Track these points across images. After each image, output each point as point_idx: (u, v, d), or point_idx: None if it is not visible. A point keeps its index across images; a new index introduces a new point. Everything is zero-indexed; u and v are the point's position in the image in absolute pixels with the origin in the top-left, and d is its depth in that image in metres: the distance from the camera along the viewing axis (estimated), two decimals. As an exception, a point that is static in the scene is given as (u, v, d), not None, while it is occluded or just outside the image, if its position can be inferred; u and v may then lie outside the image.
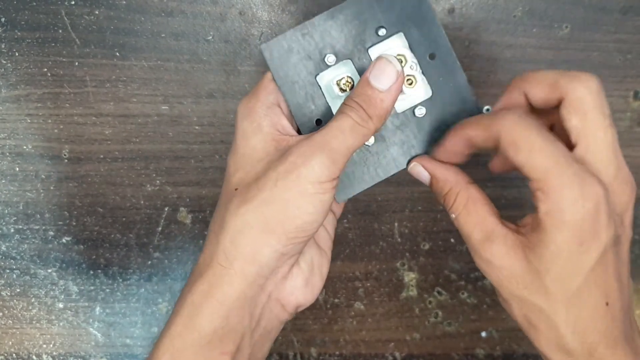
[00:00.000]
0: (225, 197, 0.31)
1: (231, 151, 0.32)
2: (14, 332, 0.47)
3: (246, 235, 0.29)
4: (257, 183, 0.29)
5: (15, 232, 0.45)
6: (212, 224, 0.31)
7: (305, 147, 0.28)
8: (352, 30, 0.31)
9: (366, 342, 0.49)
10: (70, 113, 0.43)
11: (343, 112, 0.29)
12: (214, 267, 0.29)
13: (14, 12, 0.41)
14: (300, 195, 0.28)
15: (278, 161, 0.29)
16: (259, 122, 0.30)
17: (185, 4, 0.41)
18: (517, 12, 0.42)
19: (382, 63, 0.29)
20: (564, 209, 0.26)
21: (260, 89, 0.32)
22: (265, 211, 0.28)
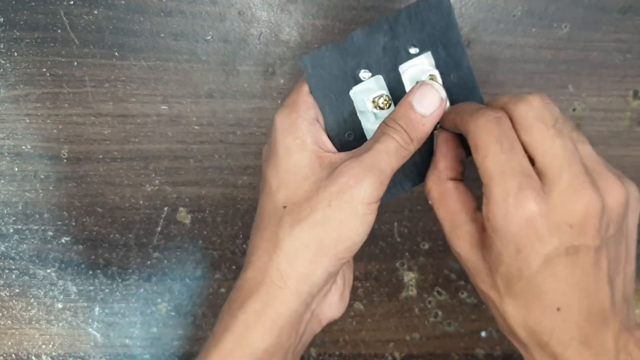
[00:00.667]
0: (272, 213, 0.31)
1: (271, 165, 0.31)
2: (13, 332, 0.47)
3: (302, 255, 0.29)
4: (310, 202, 0.30)
5: (14, 232, 0.45)
6: (259, 239, 0.31)
7: (356, 169, 0.29)
8: (386, 47, 0.32)
9: (366, 342, 0.49)
10: (69, 113, 0.43)
11: (387, 134, 0.30)
12: (268, 286, 0.30)
13: (12, 12, 0.41)
14: (353, 216, 0.29)
15: (328, 181, 0.30)
16: (303, 139, 0.31)
17: (184, 4, 0.41)
18: (517, 12, 0.42)
19: (426, 89, 0.30)
20: (499, 218, 0.28)
21: (299, 103, 0.32)
22: (319, 232, 0.29)
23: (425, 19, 0.32)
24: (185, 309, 0.47)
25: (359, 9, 0.41)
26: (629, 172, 0.46)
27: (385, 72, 0.33)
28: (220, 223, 0.46)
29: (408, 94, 0.31)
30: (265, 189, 0.32)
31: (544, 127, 0.28)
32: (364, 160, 0.29)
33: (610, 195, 0.29)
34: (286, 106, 0.32)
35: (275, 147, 0.31)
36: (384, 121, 0.31)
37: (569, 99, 0.44)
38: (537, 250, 0.28)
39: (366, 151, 0.30)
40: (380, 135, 0.30)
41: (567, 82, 0.44)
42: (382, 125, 0.31)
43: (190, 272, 0.47)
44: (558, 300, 0.29)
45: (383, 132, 0.30)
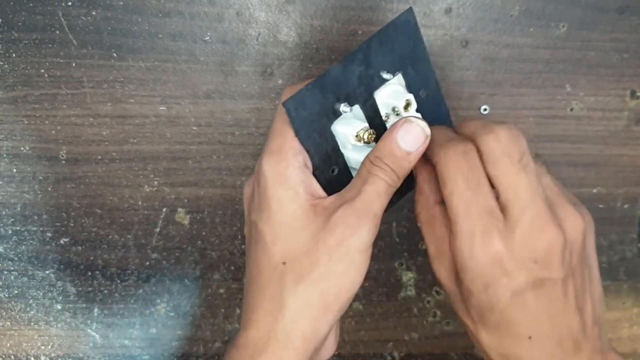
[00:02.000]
0: (271, 270, 0.30)
1: (263, 217, 0.31)
2: (12, 333, 0.47)
3: (307, 314, 0.30)
4: (310, 257, 0.29)
5: (13, 234, 0.45)
6: (260, 297, 0.31)
7: (351, 217, 0.29)
8: (361, 76, 0.32)
9: (365, 342, 0.49)
10: (67, 114, 0.43)
11: (376, 175, 0.30)
12: (275, 346, 0.30)
13: (10, 13, 0.41)
14: (352, 266, 0.30)
15: (326, 232, 0.29)
16: (295, 189, 0.30)
17: (182, 5, 0.41)
18: (514, 12, 0.42)
19: (410, 126, 0.30)
20: (465, 256, 0.29)
21: (286, 149, 0.31)
22: (323, 288, 0.29)
23: (395, 41, 0.32)
24: (184, 309, 0.47)
25: (357, 9, 0.41)
26: (626, 171, 0.46)
27: (362, 101, 0.32)
28: (218, 224, 0.46)
29: (392, 130, 0.30)
30: (260, 242, 0.31)
31: (510, 162, 0.29)
32: (357, 207, 0.29)
33: (571, 227, 0.30)
34: (273, 153, 0.31)
35: (267, 198, 0.30)
36: (370, 159, 0.31)
37: (567, 98, 0.44)
38: (504, 285, 0.29)
39: (357, 195, 0.30)
40: (369, 176, 0.30)
41: (565, 81, 0.44)
42: (367, 164, 0.30)
43: (189, 273, 0.47)
44: (529, 330, 0.29)
45: (370, 172, 0.30)
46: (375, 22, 0.41)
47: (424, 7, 0.41)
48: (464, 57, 0.43)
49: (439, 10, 0.42)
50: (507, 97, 0.44)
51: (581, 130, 0.45)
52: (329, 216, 0.30)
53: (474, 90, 0.43)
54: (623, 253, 0.48)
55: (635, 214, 0.47)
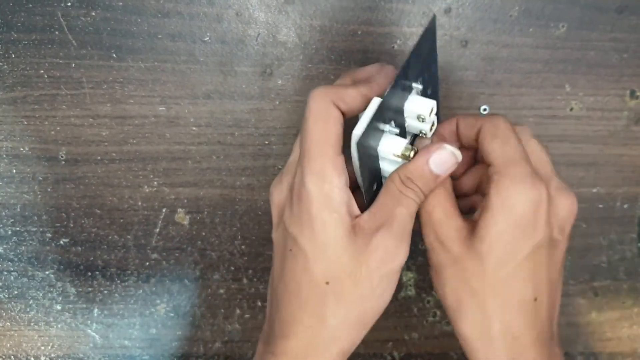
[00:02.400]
0: (312, 287, 0.31)
1: (306, 234, 0.31)
2: (12, 334, 0.47)
3: (346, 331, 0.31)
4: (352, 279, 0.31)
5: (13, 234, 0.45)
6: (300, 312, 0.32)
7: (390, 242, 0.31)
8: (402, 91, 0.32)
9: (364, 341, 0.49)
10: (67, 115, 0.43)
11: (408, 197, 0.31)
12: (314, 357, 0.31)
13: (9, 14, 0.41)
14: (389, 287, 0.32)
15: (367, 255, 0.31)
16: (339, 212, 0.31)
17: (181, 5, 0.41)
18: (514, 12, 0.42)
19: (445, 154, 0.31)
20: (512, 196, 0.30)
21: (330, 170, 0.31)
22: (362, 308, 0.31)
23: (422, 50, 0.32)
24: (184, 309, 0.47)
25: (356, 9, 0.41)
26: (626, 171, 0.46)
27: (398, 114, 0.33)
28: (218, 224, 0.46)
29: (425, 154, 0.31)
30: (300, 258, 0.32)
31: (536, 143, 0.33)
32: (395, 232, 0.31)
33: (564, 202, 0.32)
34: (317, 174, 0.31)
35: (311, 218, 0.31)
36: (401, 179, 0.31)
37: (566, 98, 0.44)
38: (537, 232, 0.31)
39: (393, 218, 0.31)
40: (401, 198, 0.31)
41: (564, 81, 0.44)
42: (398, 184, 0.31)
43: (189, 273, 0.47)
44: (535, 290, 0.32)
45: (402, 193, 0.31)
46: (374, 23, 0.41)
47: (424, 7, 0.41)
48: (464, 57, 0.43)
49: (439, 10, 0.42)
50: (506, 97, 0.44)
51: (581, 130, 0.45)
52: (369, 238, 0.31)
53: (473, 90, 0.43)
54: (623, 253, 0.48)
55: (635, 214, 0.47)
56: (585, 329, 0.50)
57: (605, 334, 0.49)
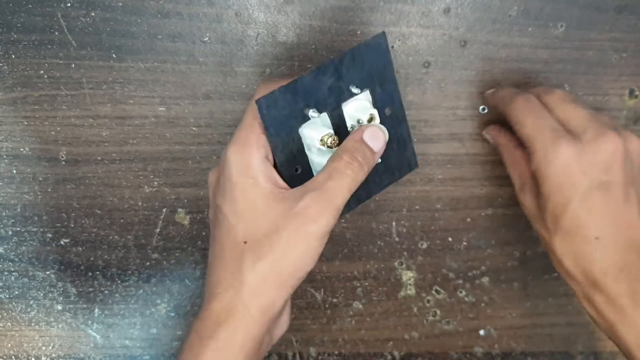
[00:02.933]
0: (233, 248, 0.33)
1: (227, 201, 0.33)
2: (13, 334, 0.47)
3: (264, 289, 0.32)
4: (269, 239, 0.32)
5: (13, 235, 0.45)
6: (223, 272, 0.33)
7: (313, 207, 0.32)
8: (331, 87, 0.34)
9: (365, 341, 0.49)
10: (67, 115, 0.43)
11: (342, 172, 0.32)
12: (235, 316, 0.32)
13: (9, 15, 0.41)
14: (308, 250, 0.32)
15: (287, 219, 0.32)
16: (256, 178, 0.33)
17: (181, 6, 0.41)
18: (513, 12, 0.42)
19: (376, 130, 0.34)
20: (542, 166, 0.36)
21: (251, 141, 0.33)
22: (279, 266, 0.32)
23: (366, 59, 0.35)
24: (184, 309, 0.48)
25: (355, 9, 0.41)
26: (625, 170, 0.46)
27: (330, 110, 0.35)
28: (218, 225, 0.46)
29: (358, 132, 0.34)
30: (224, 223, 0.34)
31: (567, 103, 0.37)
32: (320, 198, 0.32)
33: (630, 142, 0.36)
34: (238, 143, 0.33)
35: (231, 185, 0.33)
36: (339, 154, 0.33)
37: (566, 98, 0.44)
38: (575, 187, 0.35)
39: (321, 187, 0.32)
40: (334, 172, 0.32)
41: (564, 81, 0.44)
42: (336, 160, 0.33)
43: (189, 273, 0.47)
44: (596, 230, 0.35)
45: (337, 168, 0.32)
46: (373, 23, 0.42)
47: (423, 7, 0.41)
48: (463, 57, 0.43)
49: (438, 10, 0.42)
50: (506, 97, 0.44)
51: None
52: (293, 203, 0.32)
53: (472, 90, 0.43)
54: (622, 252, 0.48)
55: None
56: (585, 328, 0.50)
57: (605, 333, 0.50)
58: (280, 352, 0.49)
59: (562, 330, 0.50)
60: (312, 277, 0.48)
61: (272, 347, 0.36)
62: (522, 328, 0.49)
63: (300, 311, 0.48)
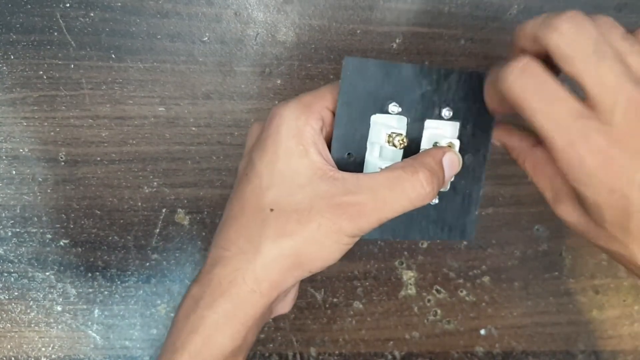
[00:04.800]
0: (256, 211, 0.29)
1: (265, 159, 0.30)
2: (13, 335, 0.47)
3: (279, 264, 0.29)
4: (299, 217, 0.28)
5: (13, 236, 0.45)
6: (237, 235, 0.30)
7: (357, 209, 0.28)
8: (425, 95, 0.31)
9: (365, 341, 0.49)
10: (66, 116, 0.43)
11: (408, 187, 0.29)
12: (240, 287, 0.29)
13: (8, 15, 0.41)
14: (335, 244, 0.29)
15: (327, 203, 0.28)
16: (306, 147, 0.29)
17: (180, 5, 0.41)
18: (513, 10, 0.42)
19: (455, 158, 0.31)
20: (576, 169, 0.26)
21: (313, 109, 0.30)
22: (301, 249, 0.29)
23: (472, 90, 0.31)
24: (184, 310, 0.47)
25: (355, 8, 0.41)
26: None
27: (412, 117, 0.32)
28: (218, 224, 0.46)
29: (438, 152, 0.30)
30: (253, 181, 0.30)
31: (584, 56, 0.26)
32: (372, 203, 0.28)
33: None
34: (299, 105, 0.30)
35: (276, 144, 0.30)
36: (414, 167, 0.29)
37: (566, 96, 0.44)
38: (629, 180, 0.26)
39: (376, 191, 0.28)
40: (399, 182, 0.29)
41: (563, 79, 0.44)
42: (408, 170, 0.29)
43: (189, 273, 0.47)
44: None
45: (404, 180, 0.29)
46: (373, 22, 0.41)
47: (422, 6, 0.41)
48: (463, 55, 0.43)
49: (437, 9, 0.42)
50: (506, 96, 0.44)
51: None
52: (339, 191, 0.29)
53: (472, 88, 0.43)
54: (623, 250, 0.48)
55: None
56: (586, 327, 0.50)
57: (606, 331, 0.49)
58: (281, 352, 0.49)
59: (563, 329, 0.50)
60: (313, 277, 0.47)
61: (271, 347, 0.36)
62: (523, 327, 0.49)
63: (300, 311, 0.48)
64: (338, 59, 0.42)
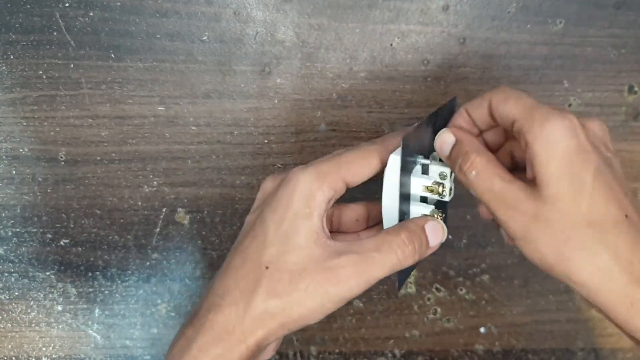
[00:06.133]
0: (253, 267, 0.32)
1: (276, 218, 0.32)
2: (13, 335, 0.47)
3: (266, 323, 0.31)
4: (291, 277, 0.31)
5: (13, 235, 0.45)
6: (235, 285, 0.32)
7: (345, 271, 0.31)
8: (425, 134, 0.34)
9: (365, 339, 0.49)
10: (66, 115, 0.43)
11: (394, 250, 0.31)
12: (230, 336, 0.31)
13: (8, 15, 0.41)
14: (321, 308, 0.31)
15: (317, 267, 0.31)
16: (312, 210, 0.32)
17: (179, 5, 0.41)
18: (511, 8, 0.42)
19: (439, 226, 0.33)
20: (549, 132, 0.29)
21: (328, 177, 0.32)
22: (287, 310, 0.31)
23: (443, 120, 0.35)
24: (185, 309, 0.48)
25: (354, 7, 0.41)
26: (625, 166, 0.46)
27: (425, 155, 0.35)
28: (218, 223, 0.46)
29: (421, 219, 0.33)
30: (259, 236, 0.32)
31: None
32: (358, 265, 0.31)
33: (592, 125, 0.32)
34: (315, 172, 0.32)
35: (287, 205, 0.32)
36: (397, 230, 0.32)
37: (565, 94, 0.44)
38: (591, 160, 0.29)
39: (364, 254, 0.31)
40: (385, 245, 0.32)
41: (563, 77, 0.44)
42: (392, 233, 0.32)
43: (190, 273, 0.47)
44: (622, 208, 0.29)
45: (389, 242, 0.32)
46: (372, 20, 0.42)
47: (421, 4, 0.41)
48: (462, 54, 0.43)
49: (437, 7, 0.42)
50: (505, 94, 0.44)
51: (579, 126, 0.45)
52: (330, 255, 0.31)
53: (471, 87, 0.43)
54: (622, 248, 0.48)
55: (634, 209, 0.47)
56: (585, 324, 0.50)
57: (606, 329, 0.50)
58: (281, 351, 0.49)
59: (562, 327, 0.50)
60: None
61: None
62: (522, 325, 0.49)
63: (300, 310, 0.48)
64: (338, 58, 0.42)
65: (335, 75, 0.43)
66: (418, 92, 0.43)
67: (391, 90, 0.43)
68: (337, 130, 0.44)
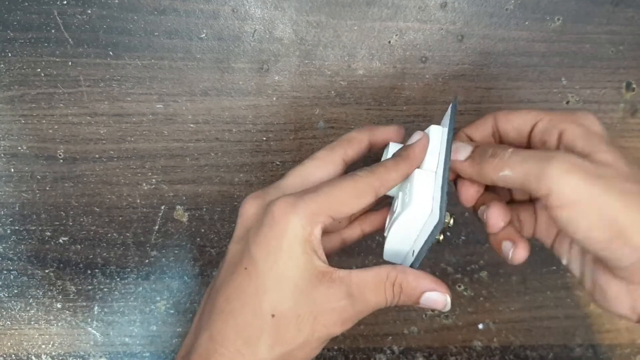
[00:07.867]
0: (255, 316, 0.30)
1: (269, 260, 0.30)
2: (13, 332, 0.47)
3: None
4: (299, 324, 0.30)
5: (12, 233, 0.45)
6: (235, 334, 0.30)
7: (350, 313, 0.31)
8: None
9: (364, 336, 0.49)
10: (64, 113, 0.43)
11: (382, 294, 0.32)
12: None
13: (5, 13, 0.41)
14: (321, 345, 0.32)
15: (323, 311, 0.30)
16: (311, 255, 0.31)
17: (177, 2, 0.41)
18: (509, 5, 0.42)
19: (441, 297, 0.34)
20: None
21: (317, 220, 0.31)
22: (293, 354, 0.30)
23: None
24: (183, 306, 0.48)
25: (352, 4, 0.41)
26: (622, 163, 0.46)
27: None
28: (217, 221, 0.46)
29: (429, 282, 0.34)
30: (255, 279, 0.31)
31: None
32: (354, 307, 0.31)
33: None
34: (305, 214, 0.30)
35: (281, 249, 0.30)
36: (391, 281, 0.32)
37: (563, 91, 0.44)
38: None
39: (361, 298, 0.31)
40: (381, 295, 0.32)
41: (561, 74, 0.44)
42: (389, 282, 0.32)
43: (189, 270, 0.47)
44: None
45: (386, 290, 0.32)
46: (370, 17, 0.42)
47: (419, 1, 0.41)
48: (460, 51, 0.43)
49: (434, 4, 0.42)
50: (503, 91, 0.44)
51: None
52: (335, 296, 0.31)
53: (470, 84, 0.43)
54: (620, 244, 0.48)
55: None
56: (583, 321, 0.50)
57: (604, 325, 0.50)
58: (280, 348, 0.49)
59: (560, 323, 0.50)
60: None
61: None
62: (520, 322, 0.50)
63: (299, 307, 0.48)
64: (336, 56, 0.42)
65: (334, 73, 0.43)
66: (416, 89, 0.43)
67: (389, 88, 0.43)
68: (336, 128, 0.44)
